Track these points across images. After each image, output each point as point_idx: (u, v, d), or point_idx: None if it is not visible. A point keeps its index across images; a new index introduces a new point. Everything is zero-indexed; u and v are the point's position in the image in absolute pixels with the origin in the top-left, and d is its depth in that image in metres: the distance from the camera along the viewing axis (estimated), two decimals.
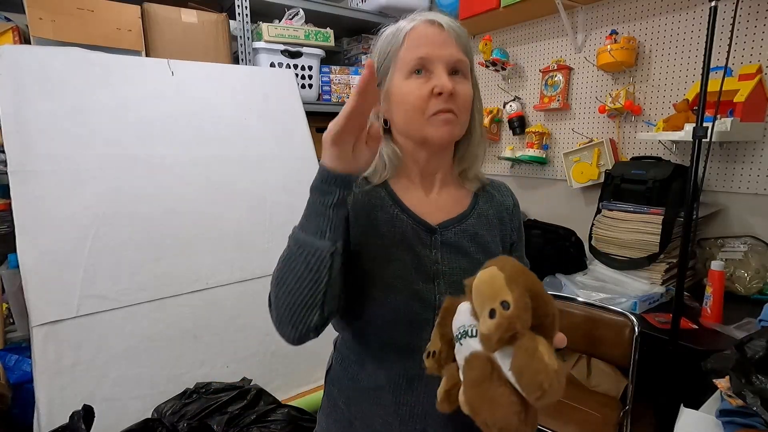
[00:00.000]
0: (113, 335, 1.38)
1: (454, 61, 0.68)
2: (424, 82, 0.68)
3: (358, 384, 0.74)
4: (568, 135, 2.14)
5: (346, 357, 0.77)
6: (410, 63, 0.68)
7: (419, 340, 0.67)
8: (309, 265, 0.59)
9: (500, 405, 0.46)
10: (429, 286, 0.69)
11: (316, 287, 0.59)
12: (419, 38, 0.69)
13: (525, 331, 0.46)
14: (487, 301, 0.48)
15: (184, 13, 1.94)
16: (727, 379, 0.89)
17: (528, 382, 0.44)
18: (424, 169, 0.75)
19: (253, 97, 1.94)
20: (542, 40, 2.20)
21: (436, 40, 0.68)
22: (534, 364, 0.45)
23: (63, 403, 1.24)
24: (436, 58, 0.67)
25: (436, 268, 0.70)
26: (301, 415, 1.32)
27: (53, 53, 1.57)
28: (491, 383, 0.48)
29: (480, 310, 0.49)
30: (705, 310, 1.41)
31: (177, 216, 1.60)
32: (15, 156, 1.40)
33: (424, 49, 0.68)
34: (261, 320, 1.63)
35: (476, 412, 0.48)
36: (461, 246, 0.72)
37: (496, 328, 0.46)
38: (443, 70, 0.67)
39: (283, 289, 0.61)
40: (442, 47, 0.68)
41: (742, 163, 1.61)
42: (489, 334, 0.46)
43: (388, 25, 0.74)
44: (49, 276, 1.34)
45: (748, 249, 1.57)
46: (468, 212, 0.75)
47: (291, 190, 1.88)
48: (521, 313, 0.46)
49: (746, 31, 1.55)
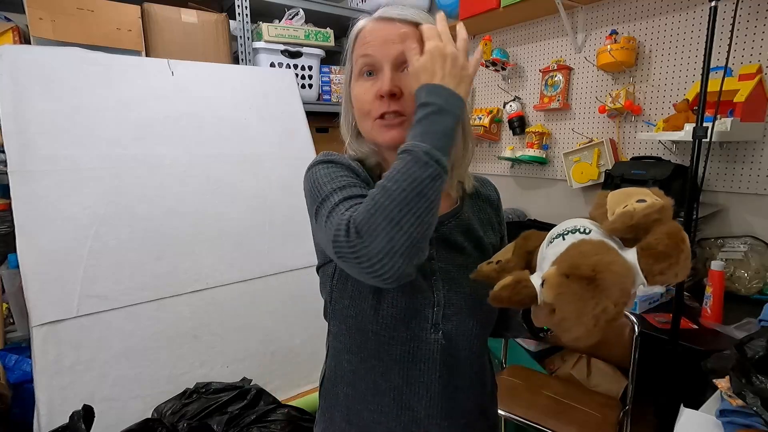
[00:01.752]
0: (113, 335, 1.38)
1: (400, 55, 0.64)
2: (371, 84, 0.66)
3: (357, 391, 0.71)
4: (568, 135, 2.14)
5: (342, 363, 0.73)
6: (358, 63, 0.67)
7: (419, 340, 0.67)
8: (436, 184, 0.53)
9: (618, 265, 0.45)
10: (426, 282, 0.67)
11: (435, 211, 0.54)
12: (365, 37, 0.66)
13: (672, 220, 0.47)
14: (635, 196, 0.49)
15: (184, 13, 1.94)
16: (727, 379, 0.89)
17: (672, 243, 0.45)
18: None
19: (253, 97, 1.94)
20: (542, 40, 2.20)
21: (380, 37, 0.65)
22: (681, 234, 0.46)
23: (63, 403, 1.24)
24: (382, 57, 0.64)
25: (432, 265, 0.68)
26: (301, 415, 1.32)
27: (53, 53, 1.57)
28: (610, 252, 0.46)
29: (621, 204, 0.50)
30: (705, 310, 1.41)
31: (177, 216, 1.60)
32: (15, 156, 1.40)
33: (369, 48, 0.65)
34: (261, 320, 1.64)
35: (575, 281, 0.45)
36: (456, 241, 0.71)
37: (648, 207, 0.47)
38: (388, 68, 0.64)
39: (407, 211, 0.51)
40: (386, 44, 0.64)
41: (742, 163, 1.61)
42: (635, 209, 0.47)
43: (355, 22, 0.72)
44: (49, 276, 1.34)
45: (748, 249, 1.57)
46: (458, 208, 0.74)
47: (291, 190, 1.88)
48: (660, 207, 0.47)
49: (746, 31, 1.55)
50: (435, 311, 0.67)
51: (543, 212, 2.28)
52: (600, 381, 1.66)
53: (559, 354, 1.86)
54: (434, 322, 0.67)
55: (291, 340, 1.67)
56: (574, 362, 1.77)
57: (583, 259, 0.46)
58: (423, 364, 0.68)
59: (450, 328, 0.68)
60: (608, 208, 0.52)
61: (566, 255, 0.48)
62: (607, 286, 0.44)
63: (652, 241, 0.46)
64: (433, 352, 0.67)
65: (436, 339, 0.67)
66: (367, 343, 0.69)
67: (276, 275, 1.72)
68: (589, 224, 0.53)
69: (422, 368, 0.68)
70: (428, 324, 0.67)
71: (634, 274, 0.46)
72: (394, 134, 0.65)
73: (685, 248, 0.46)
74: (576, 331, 0.45)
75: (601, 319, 0.44)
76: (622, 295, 0.44)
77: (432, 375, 0.68)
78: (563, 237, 0.53)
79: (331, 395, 0.75)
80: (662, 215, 0.48)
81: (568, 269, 0.46)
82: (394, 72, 0.64)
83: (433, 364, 0.68)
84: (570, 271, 0.46)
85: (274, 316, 1.66)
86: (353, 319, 0.68)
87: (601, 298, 0.44)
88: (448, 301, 0.68)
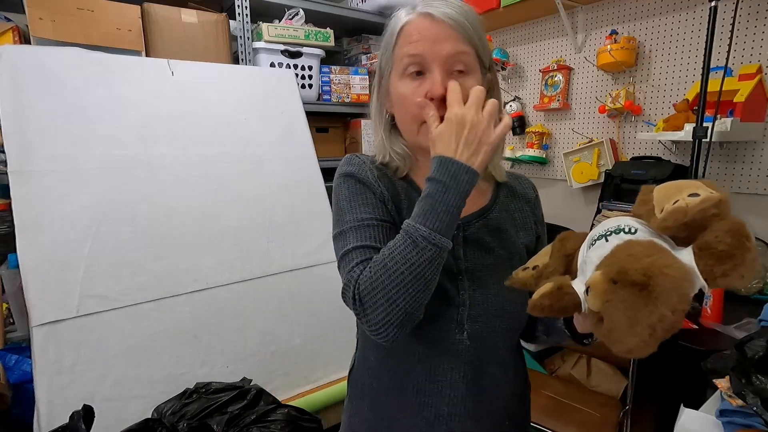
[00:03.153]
0: (113, 335, 1.38)
1: (451, 55, 0.62)
2: (419, 84, 0.64)
3: (382, 385, 0.72)
4: (568, 135, 2.14)
5: (369, 357, 0.75)
6: (403, 62, 0.65)
7: (443, 340, 0.67)
8: (433, 265, 0.56)
9: (675, 267, 0.40)
10: (452, 282, 0.67)
11: (432, 285, 0.58)
12: (411, 34, 0.64)
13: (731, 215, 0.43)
14: (686, 189, 0.45)
15: (184, 13, 1.94)
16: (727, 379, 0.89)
17: (735, 242, 0.40)
18: None
19: (253, 97, 1.94)
20: (542, 40, 2.20)
21: (429, 35, 0.62)
22: (745, 230, 0.41)
23: (63, 403, 1.24)
24: (430, 57, 0.62)
25: (458, 265, 0.68)
26: (301, 415, 1.32)
27: (53, 53, 1.57)
28: (663, 254, 0.41)
29: (671, 198, 0.45)
30: (705, 310, 1.41)
31: (177, 216, 1.60)
32: (15, 156, 1.40)
33: (417, 46, 0.63)
34: (261, 320, 1.64)
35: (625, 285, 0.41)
36: (484, 242, 0.70)
37: (702, 201, 0.42)
38: (438, 70, 0.62)
39: (404, 291, 0.56)
40: (436, 43, 0.62)
41: (742, 163, 1.61)
42: (688, 205, 0.42)
43: (394, 13, 0.69)
44: (49, 276, 1.34)
45: None
46: (490, 206, 0.72)
47: (291, 190, 1.88)
48: (717, 201, 0.42)
49: (746, 31, 1.55)
50: (460, 311, 0.67)
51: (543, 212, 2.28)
52: (600, 381, 1.66)
53: (559, 354, 1.86)
54: (459, 322, 0.67)
55: (291, 340, 1.67)
56: (574, 362, 1.77)
57: (633, 263, 0.41)
58: (446, 363, 0.68)
59: (475, 329, 0.67)
60: (656, 204, 0.47)
61: (613, 258, 0.44)
62: (663, 291, 0.39)
63: (711, 240, 0.42)
64: (458, 353, 0.67)
65: (460, 339, 0.67)
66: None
67: (276, 275, 1.72)
68: (635, 223, 0.48)
69: (445, 367, 0.68)
70: (453, 324, 0.67)
71: (693, 276, 0.42)
72: None
73: (751, 246, 0.41)
74: (629, 342, 0.41)
75: (657, 328, 0.40)
76: (681, 300, 0.40)
77: (456, 374, 0.68)
78: (606, 238, 0.48)
79: (358, 385, 0.77)
80: (720, 210, 0.43)
81: (617, 274, 0.42)
82: (444, 74, 0.63)
83: (457, 364, 0.68)
84: (619, 276, 0.42)
85: (274, 316, 1.66)
86: None
87: (657, 305, 0.40)
88: (474, 301, 0.67)
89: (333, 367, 1.70)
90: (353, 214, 0.65)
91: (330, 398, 1.60)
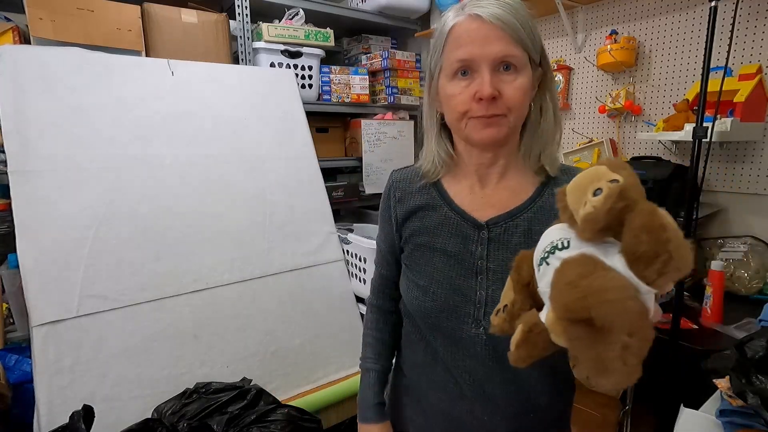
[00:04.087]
0: (113, 335, 1.38)
1: (499, 57, 0.63)
2: (467, 85, 0.65)
3: (416, 357, 0.82)
4: (568, 135, 2.14)
5: (408, 331, 0.85)
6: (452, 65, 0.66)
7: (461, 331, 0.72)
8: None
9: (611, 289, 0.36)
10: (470, 281, 0.71)
11: None
12: (460, 37, 0.65)
13: (640, 200, 0.39)
14: (589, 186, 0.41)
15: (184, 13, 1.94)
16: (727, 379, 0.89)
17: (652, 239, 0.36)
18: (480, 164, 0.73)
19: (253, 97, 1.94)
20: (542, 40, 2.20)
21: (477, 38, 0.63)
22: (656, 220, 0.37)
23: (63, 403, 1.24)
24: (479, 58, 0.64)
25: (480, 264, 0.71)
26: (301, 415, 1.32)
27: (53, 53, 1.57)
28: (596, 272, 0.38)
29: (580, 202, 0.42)
30: (705, 310, 1.41)
31: (177, 216, 1.60)
32: (15, 156, 1.40)
33: (465, 49, 0.64)
34: (261, 320, 1.64)
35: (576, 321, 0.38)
36: (510, 242, 0.70)
37: (605, 199, 0.39)
38: (487, 70, 0.63)
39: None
40: (485, 45, 0.63)
41: (742, 163, 1.61)
42: (595, 209, 0.39)
43: (444, 14, 0.70)
44: (49, 276, 1.34)
45: (748, 249, 1.57)
46: (524, 206, 0.72)
47: (291, 190, 1.88)
48: (636, 182, 0.39)
49: (746, 31, 1.55)
50: (476, 308, 0.71)
51: None
52: None
53: None
54: (476, 317, 0.71)
55: (291, 340, 1.67)
56: None
57: (572, 295, 0.38)
58: (466, 351, 0.73)
59: None
60: (572, 211, 0.44)
61: (555, 291, 0.41)
62: (612, 321, 0.37)
63: (631, 243, 0.38)
64: (476, 345, 0.72)
65: (477, 334, 0.71)
66: (420, 325, 0.79)
67: (276, 275, 1.72)
68: (566, 231, 0.46)
69: (465, 354, 0.73)
70: (470, 319, 0.71)
71: (633, 289, 0.38)
72: (492, 132, 0.66)
73: (670, 236, 0.36)
74: (609, 380, 0.39)
75: (627, 357, 0.37)
76: (634, 321, 0.37)
77: (475, 362, 0.72)
78: (546, 262, 0.46)
79: (402, 349, 0.88)
80: (627, 200, 0.39)
81: (564, 313, 0.40)
82: (493, 72, 0.64)
83: (475, 355, 0.72)
84: (566, 315, 0.40)
85: (274, 316, 1.66)
86: (407, 304, 0.80)
87: (612, 336, 0.37)
88: (492, 300, 0.69)
89: (333, 367, 1.70)
90: (377, 255, 0.88)
91: (330, 398, 1.60)
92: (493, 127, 0.66)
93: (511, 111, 0.65)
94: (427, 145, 0.78)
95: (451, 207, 0.75)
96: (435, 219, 0.75)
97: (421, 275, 0.75)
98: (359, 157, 2.38)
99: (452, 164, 0.77)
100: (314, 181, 1.97)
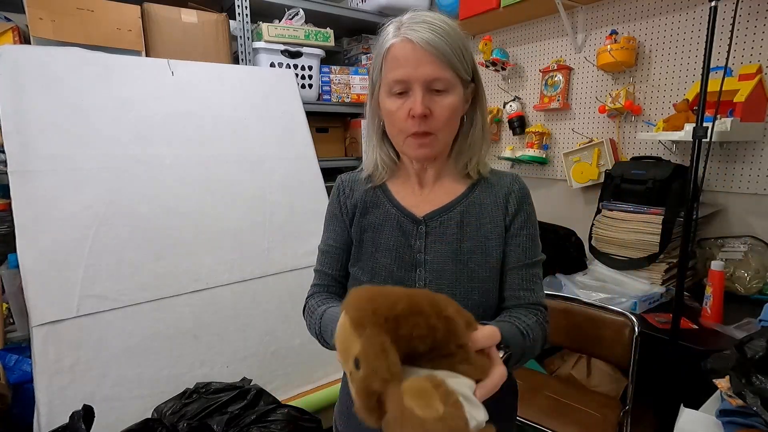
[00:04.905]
0: (113, 335, 1.38)
1: (430, 79, 0.69)
2: (403, 102, 0.71)
3: None
4: (568, 135, 2.14)
5: None
6: (390, 84, 0.71)
7: None
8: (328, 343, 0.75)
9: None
10: (411, 274, 0.76)
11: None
12: (396, 59, 0.70)
13: (391, 381, 0.39)
14: (345, 364, 0.43)
15: (184, 13, 1.94)
16: (727, 379, 0.89)
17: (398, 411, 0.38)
18: (419, 169, 0.81)
19: (253, 97, 1.94)
20: (542, 40, 2.20)
21: (411, 60, 0.69)
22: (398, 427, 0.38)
23: (63, 403, 1.24)
24: (412, 79, 0.69)
25: (418, 258, 0.76)
26: (301, 415, 1.32)
27: (53, 53, 1.57)
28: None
29: (348, 362, 0.42)
30: (705, 310, 1.41)
31: (177, 216, 1.60)
32: (15, 156, 1.40)
33: (400, 71, 0.69)
34: (261, 320, 1.64)
35: None
36: (445, 234, 0.76)
37: (356, 398, 0.41)
38: (419, 90, 0.69)
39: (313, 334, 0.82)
40: (417, 67, 0.68)
41: (742, 163, 1.61)
42: (357, 407, 0.41)
43: (384, 27, 0.75)
44: (49, 276, 1.34)
45: (748, 249, 1.57)
46: (456, 201, 0.78)
47: (291, 190, 1.88)
48: (375, 366, 0.39)
49: (746, 31, 1.55)
50: None
51: (543, 212, 2.27)
52: (600, 381, 1.66)
53: (558, 354, 1.86)
54: None
55: (291, 340, 1.67)
56: (574, 362, 1.77)
57: None
58: None
59: None
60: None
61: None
62: None
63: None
64: None
65: None
66: None
67: (276, 275, 1.72)
68: None
69: None
70: None
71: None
72: (425, 152, 0.74)
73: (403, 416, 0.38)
74: None
75: None
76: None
77: None
78: None
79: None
80: (374, 391, 0.40)
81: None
82: (425, 93, 0.69)
83: None
84: None
85: (274, 316, 1.66)
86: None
87: None
88: (430, 288, 0.73)
89: (333, 367, 1.70)
90: (321, 245, 0.87)
91: (330, 398, 1.60)
92: (425, 148, 0.73)
93: (440, 129, 0.72)
94: (370, 151, 0.83)
95: (393, 204, 0.80)
96: (379, 216, 0.80)
97: (364, 271, 0.79)
98: (359, 157, 2.39)
99: (395, 168, 0.83)
100: (314, 181, 1.98)
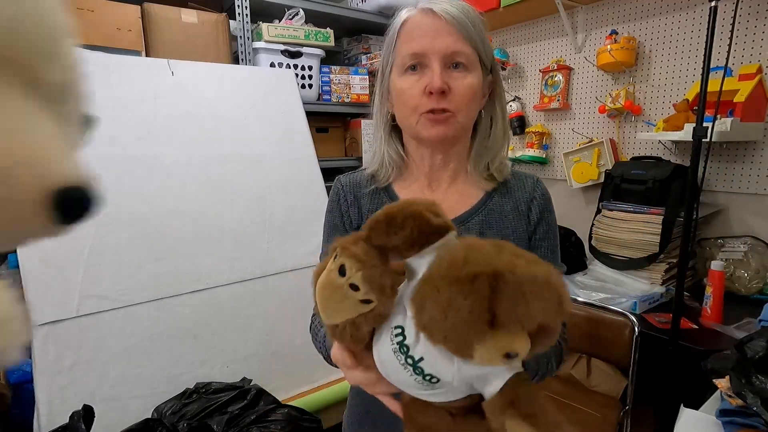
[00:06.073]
0: (113, 335, 1.38)
1: (450, 53, 0.63)
2: (418, 78, 0.65)
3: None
4: (568, 135, 2.14)
5: None
6: (404, 59, 0.66)
7: None
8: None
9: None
10: None
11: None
12: (412, 30, 0.65)
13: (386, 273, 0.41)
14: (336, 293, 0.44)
15: (184, 13, 1.94)
16: (727, 379, 0.89)
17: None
18: (430, 167, 0.73)
19: (253, 97, 1.94)
20: (542, 40, 2.20)
21: (429, 31, 0.63)
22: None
23: (63, 403, 1.24)
24: (430, 52, 0.63)
25: None
26: (301, 415, 1.32)
27: None
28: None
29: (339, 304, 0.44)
30: (705, 310, 1.41)
31: (177, 216, 1.60)
32: None
33: (417, 42, 0.64)
34: (261, 320, 1.64)
35: None
36: None
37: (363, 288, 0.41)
38: (438, 64, 0.63)
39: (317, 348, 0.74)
40: (435, 38, 0.63)
41: (742, 163, 1.61)
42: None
43: (397, 12, 0.70)
44: (49, 276, 1.34)
45: (748, 249, 1.57)
46: (474, 210, 0.72)
47: (291, 190, 1.88)
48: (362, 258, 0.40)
49: (746, 31, 1.55)
50: None
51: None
52: (600, 381, 1.66)
53: None
54: None
55: (291, 340, 1.67)
56: (574, 362, 1.77)
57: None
58: None
59: None
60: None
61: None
62: None
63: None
64: None
65: None
66: None
67: (276, 275, 1.72)
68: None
69: None
70: None
71: None
72: (441, 129, 0.66)
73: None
74: None
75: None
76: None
77: None
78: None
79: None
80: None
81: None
82: (443, 68, 0.64)
83: None
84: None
85: (274, 316, 1.66)
86: None
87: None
88: None
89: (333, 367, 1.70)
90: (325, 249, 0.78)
91: (330, 398, 1.60)
92: (441, 125, 0.65)
93: (459, 109, 0.65)
94: (377, 147, 0.77)
95: None
96: None
97: None
98: (359, 157, 2.38)
99: (403, 166, 0.76)
100: (314, 181, 1.98)
